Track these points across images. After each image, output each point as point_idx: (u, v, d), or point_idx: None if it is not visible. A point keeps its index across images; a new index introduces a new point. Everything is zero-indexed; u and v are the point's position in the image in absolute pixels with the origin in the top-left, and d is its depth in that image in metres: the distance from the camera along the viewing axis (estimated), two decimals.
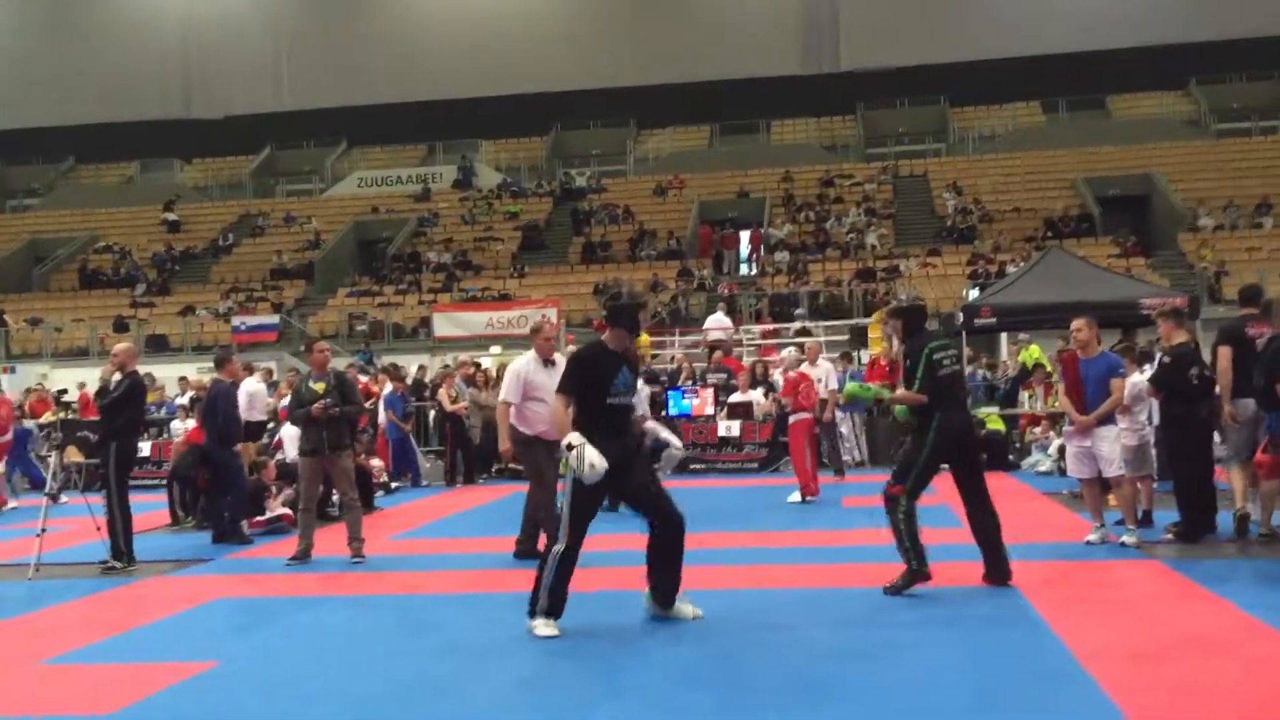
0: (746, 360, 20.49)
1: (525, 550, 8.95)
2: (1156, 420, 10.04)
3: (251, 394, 13.76)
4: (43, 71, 45.16)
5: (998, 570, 7.35)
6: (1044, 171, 35.72)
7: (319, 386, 9.66)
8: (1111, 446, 8.84)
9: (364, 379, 19.03)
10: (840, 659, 5.72)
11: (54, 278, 36.80)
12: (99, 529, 9.67)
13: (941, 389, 7.30)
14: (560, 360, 8.82)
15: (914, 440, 7.42)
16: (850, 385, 8.64)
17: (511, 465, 17.17)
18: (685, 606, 6.64)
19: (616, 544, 7.95)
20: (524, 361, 9.18)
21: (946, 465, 7.47)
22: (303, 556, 9.51)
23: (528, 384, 8.94)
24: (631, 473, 6.52)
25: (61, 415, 18.64)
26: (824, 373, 14.87)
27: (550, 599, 6.39)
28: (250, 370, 15.39)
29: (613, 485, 6.53)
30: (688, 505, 6.86)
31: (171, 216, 39.03)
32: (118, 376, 9.83)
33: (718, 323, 23.30)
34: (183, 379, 20.68)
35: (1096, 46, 39.61)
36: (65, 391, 18.46)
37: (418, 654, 6.22)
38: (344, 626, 7.08)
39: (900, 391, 7.54)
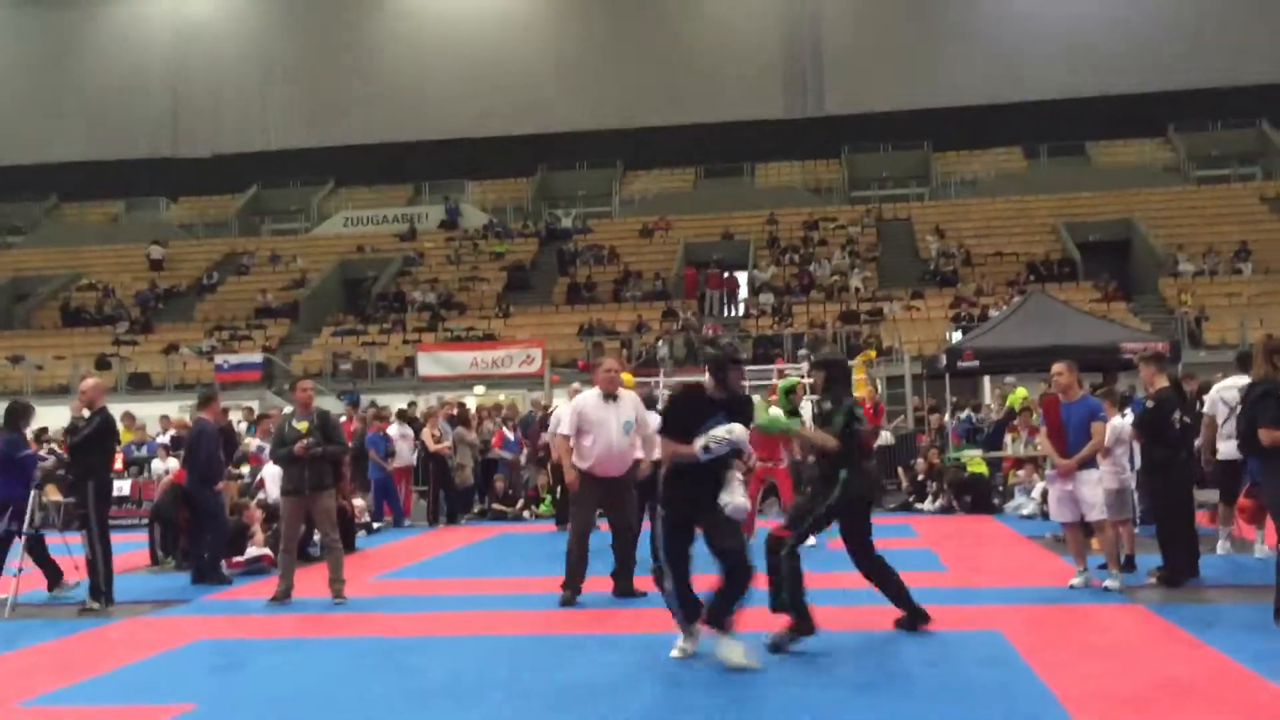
0: None
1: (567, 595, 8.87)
2: (1137, 464, 10.10)
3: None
4: (29, 108, 45.24)
5: (915, 613, 7.37)
6: (1026, 216, 36.06)
7: (302, 425, 9.62)
8: (1093, 490, 8.87)
9: (356, 421, 19.00)
10: (821, 700, 5.70)
11: (36, 315, 36.64)
12: (78, 569, 9.58)
13: (855, 447, 7.36)
14: (624, 396, 8.89)
15: (816, 491, 7.37)
16: (766, 415, 8.29)
17: (497, 506, 17.16)
18: (733, 651, 6.54)
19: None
20: (584, 396, 9.12)
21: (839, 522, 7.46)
22: (283, 597, 9.43)
23: (583, 418, 8.84)
24: (716, 514, 6.68)
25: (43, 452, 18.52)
26: (805, 415, 14.87)
27: (679, 618, 6.79)
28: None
29: (699, 523, 6.74)
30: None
31: (156, 255, 38.93)
32: (86, 413, 9.75)
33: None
34: (164, 418, 20.55)
35: (1077, 94, 40.15)
36: (45, 430, 18.34)
37: (397, 697, 6.16)
38: (324, 669, 7.01)
39: (813, 429, 7.57)
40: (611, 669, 6.63)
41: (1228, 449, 10.09)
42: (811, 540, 12.27)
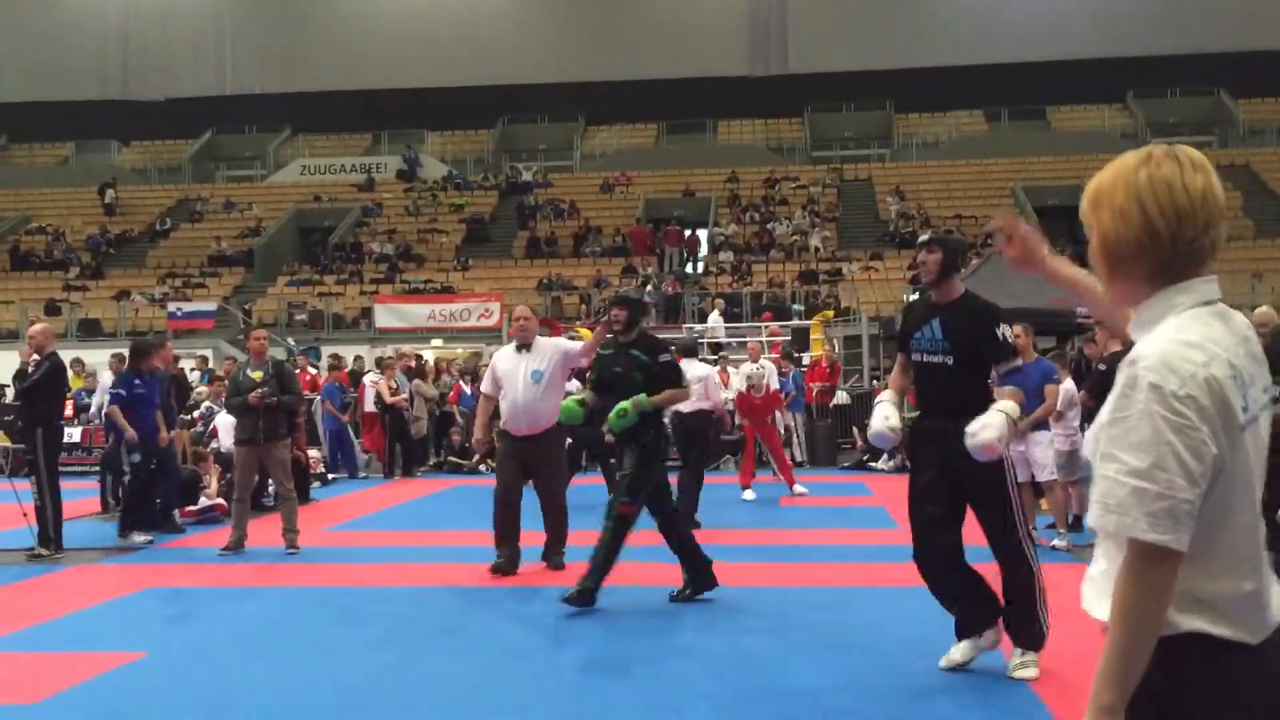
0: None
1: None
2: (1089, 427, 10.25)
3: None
4: None
5: (705, 577, 7.15)
6: (985, 180, 36.25)
7: (256, 375, 9.53)
8: (1045, 451, 9.00)
9: (313, 371, 18.87)
10: (770, 646, 5.77)
11: None
12: (25, 515, 9.47)
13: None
14: (541, 345, 8.31)
15: (649, 455, 7.03)
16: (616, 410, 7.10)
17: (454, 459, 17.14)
18: None
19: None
20: (500, 350, 8.80)
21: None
22: (236, 547, 9.38)
23: (495, 372, 8.39)
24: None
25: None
26: (768, 372, 14.97)
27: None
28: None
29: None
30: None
31: (109, 198, 38.20)
32: (36, 359, 9.60)
33: (715, 323, 23.19)
34: (114, 356, 20.25)
35: (1038, 58, 40.26)
36: None
37: (349, 647, 6.16)
38: (276, 618, 7.00)
39: (669, 393, 7.13)
40: (558, 619, 6.67)
41: None
42: (750, 494, 12.53)
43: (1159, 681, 1.78)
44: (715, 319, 23.59)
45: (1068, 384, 9.94)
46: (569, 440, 12.45)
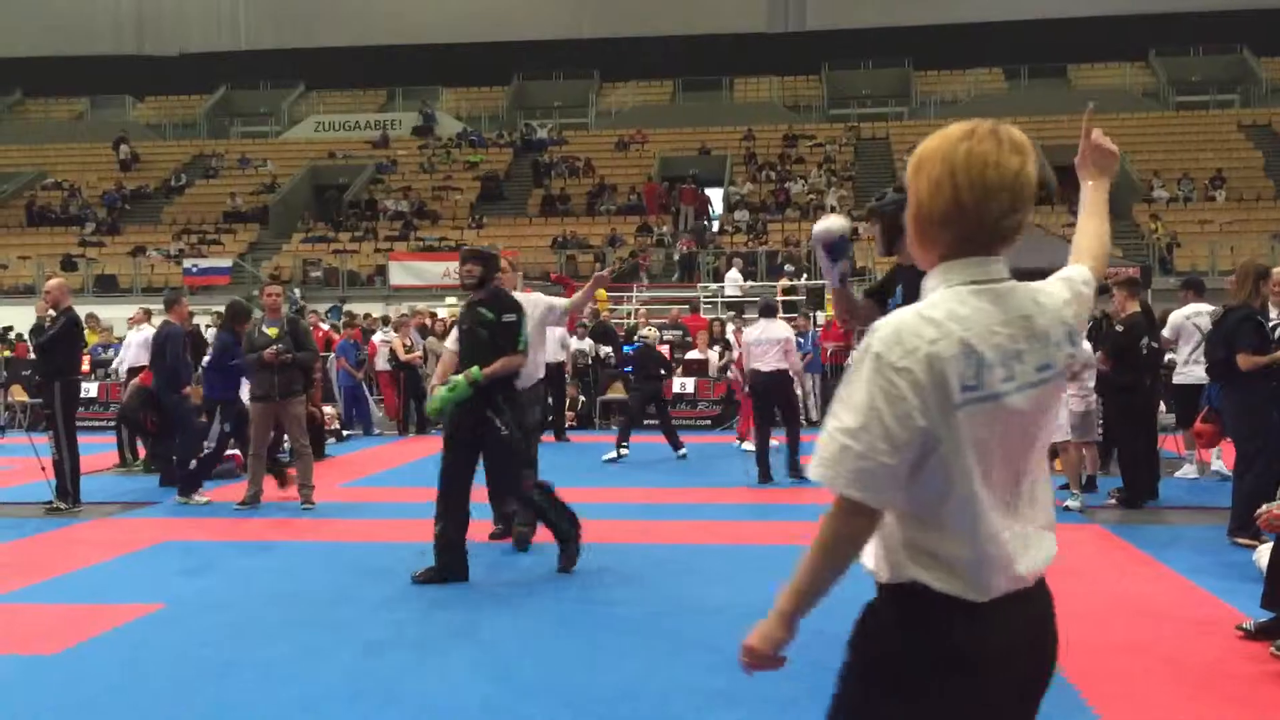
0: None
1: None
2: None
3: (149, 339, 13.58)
4: None
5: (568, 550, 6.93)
6: None
7: (272, 331, 9.54)
8: (1058, 412, 8.96)
9: (324, 327, 18.90)
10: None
11: (0, 214, 35.97)
12: (44, 469, 9.55)
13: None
14: (521, 300, 7.26)
15: (527, 428, 6.89)
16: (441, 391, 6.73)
17: None
18: None
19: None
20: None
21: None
22: (252, 501, 9.45)
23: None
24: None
25: (5, 354, 18.35)
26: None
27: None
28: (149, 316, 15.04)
29: None
30: (640, 457, 6.87)
31: (123, 153, 38.18)
32: (52, 314, 9.63)
33: (733, 281, 23.07)
34: (131, 320, 20.33)
35: (1059, 14, 39.73)
36: (10, 329, 18.12)
37: (364, 601, 6.21)
38: (292, 572, 7.05)
39: (500, 361, 6.64)
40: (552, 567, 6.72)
41: (1188, 374, 10.22)
42: (683, 450, 12.63)
43: (888, 617, 1.95)
44: (733, 277, 23.51)
45: (1084, 344, 9.89)
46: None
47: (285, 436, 12.57)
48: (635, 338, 15.97)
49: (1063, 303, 2.07)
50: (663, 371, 13.94)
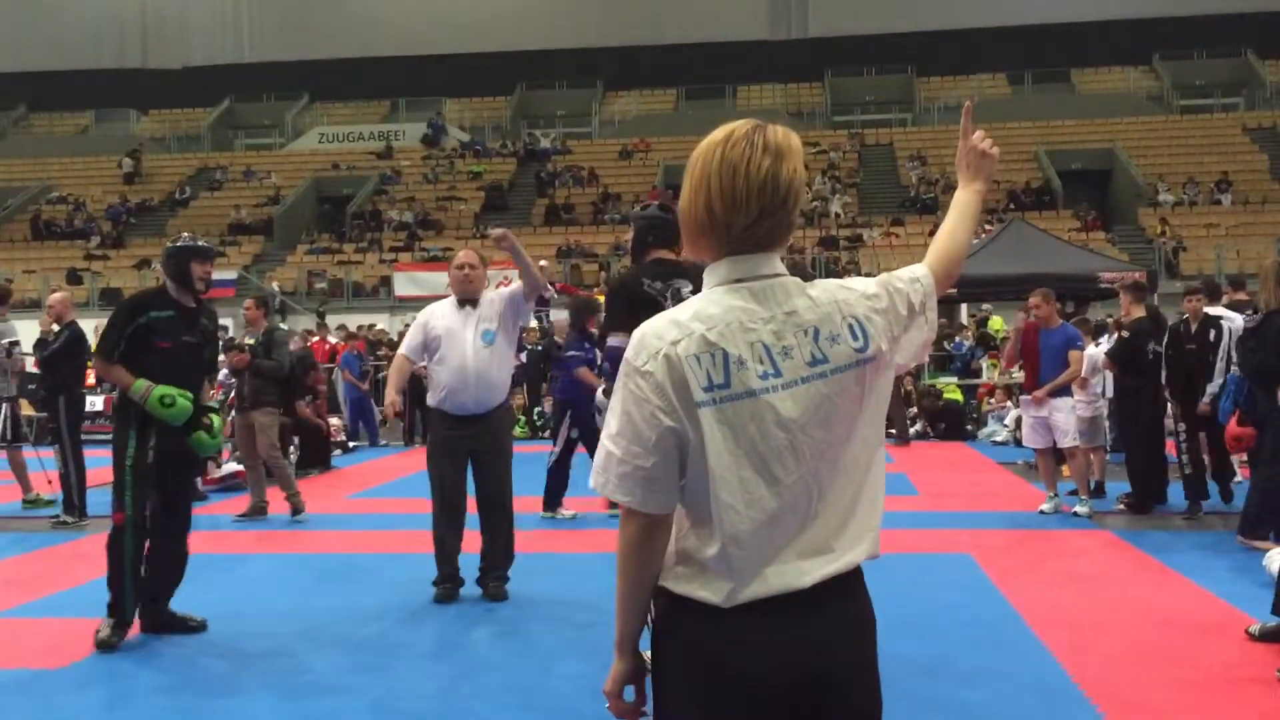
0: None
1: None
2: (1110, 393, 10.17)
3: None
4: None
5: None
6: (1007, 143, 35.78)
7: (250, 343, 9.64)
8: (1067, 417, 8.94)
9: (332, 340, 18.92)
10: None
11: (5, 228, 36.06)
12: (50, 482, 9.55)
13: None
14: (488, 299, 6.58)
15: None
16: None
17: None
18: None
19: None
20: (434, 305, 6.71)
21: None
22: (254, 513, 9.41)
23: (429, 332, 6.45)
24: None
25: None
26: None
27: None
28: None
29: None
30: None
31: (127, 167, 38.30)
32: (56, 328, 9.65)
33: None
34: None
35: (1063, 19, 39.76)
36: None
37: (374, 614, 6.19)
38: (298, 584, 7.04)
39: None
40: (563, 581, 6.69)
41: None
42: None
43: (655, 622, 1.94)
44: None
45: (1090, 350, 9.87)
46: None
47: (293, 448, 12.63)
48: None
49: (860, 296, 1.97)
50: None
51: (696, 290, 2.06)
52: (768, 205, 1.90)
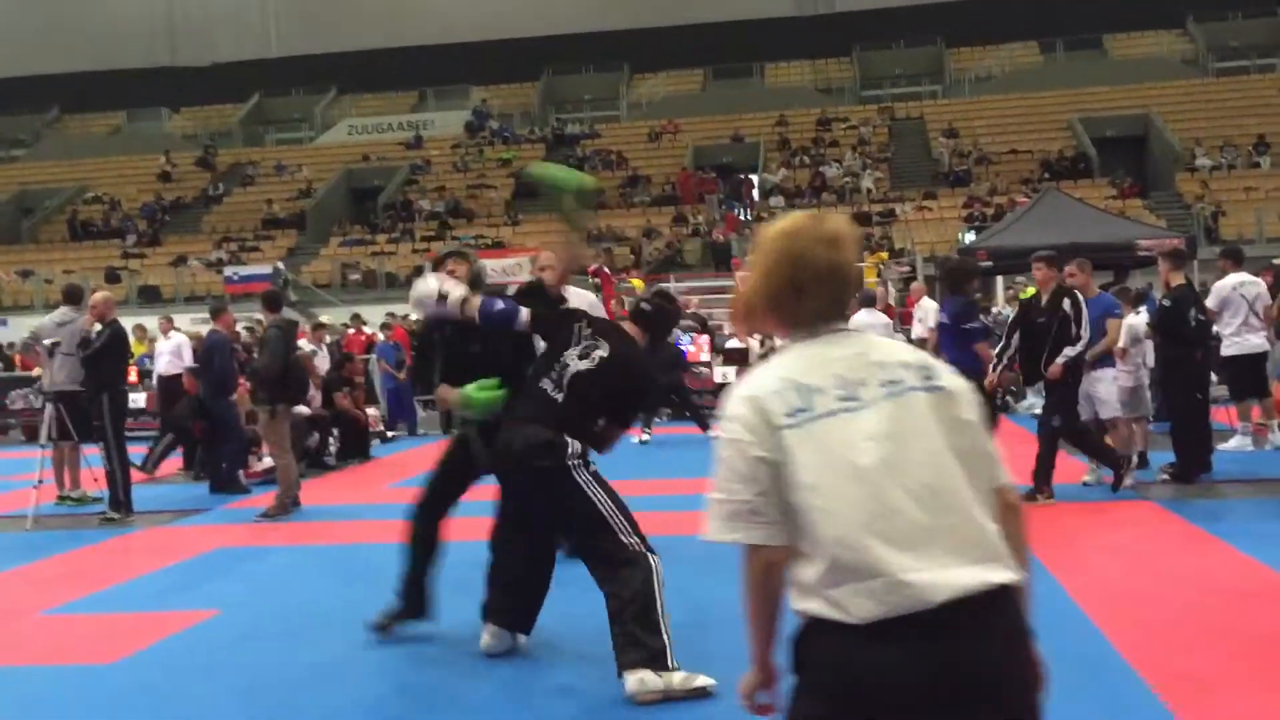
0: None
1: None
2: (1152, 362, 10.05)
3: (179, 345, 13.82)
4: (26, 19, 44.52)
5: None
6: (1040, 113, 35.44)
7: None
8: (1108, 388, 8.84)
9: (369, 331, 19.07)
10: None
11: (43, 229, 36.55)
12: (96, 480, 9.68)
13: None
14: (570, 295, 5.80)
15: None
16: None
17: None
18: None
19: None
20: None
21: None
22: (280, 508, 9.39)
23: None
24: None
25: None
26: None
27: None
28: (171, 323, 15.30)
29: None
30: (678, 451, 6.84)
31: (167, 167, 38.74)
32: (98, 327, 9.76)
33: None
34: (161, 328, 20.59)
35: None
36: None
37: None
38: (343, 574, 7.10)
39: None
40: None
41: (1242, 344, 10.05)
42: (645, 436, 12.79)
43: (791, 646, 2.04)
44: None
45: (1130, 319, 9.74)
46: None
47: (333, 439, 12.75)
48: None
49: (900, 349, 2.18)
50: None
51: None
52: (833, 290, 2.14)
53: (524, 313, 5.07)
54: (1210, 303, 10.13)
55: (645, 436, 13.10)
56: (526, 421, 4.73)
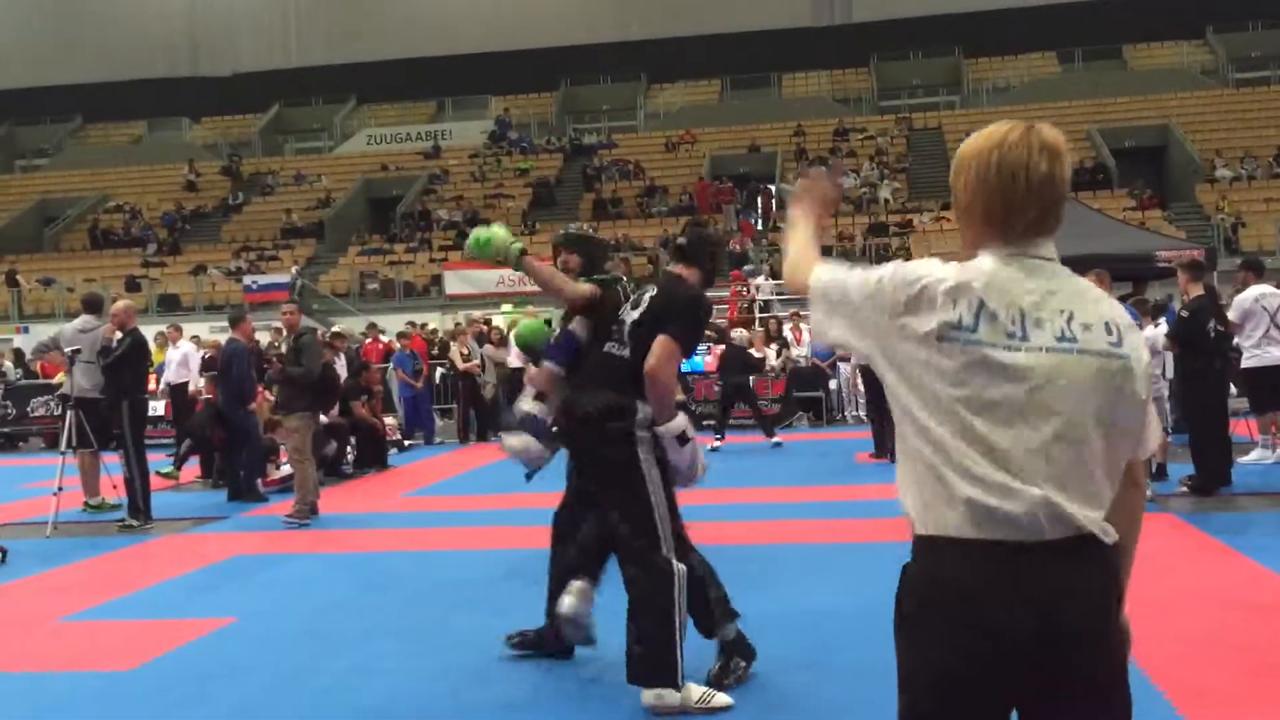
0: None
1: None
2: (1170, 373, 10.00)
3: (186, 355, 13.98)
4: (49, 30, 44.96)
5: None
6: (1059, 123, 34.22)
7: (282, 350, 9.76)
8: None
9: (385, 339, 19.13)
10: (833, 604, 5.74)
11: (65, 238, 36.83)
12: (115, 487, 9.74)
13: None
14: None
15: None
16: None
17: None
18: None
19: None
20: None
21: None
22: (299, 515, 9.42)
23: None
24: None
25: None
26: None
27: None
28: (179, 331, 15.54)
29: None
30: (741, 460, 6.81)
31: (191, 177, 39.03)
32: (119, 335, 9.84)
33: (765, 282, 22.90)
34: (194, 338, 20.70)
35: None
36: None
37: (435, 610, 6.25)
38: (360, 582, 7.12)
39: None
40: None
41: (1263, 357, 9.99)
42: (717, 443, 13.01)
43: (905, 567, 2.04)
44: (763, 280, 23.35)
45: (1149, 330, 9.70)
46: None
47: (350, 448, 12.80)
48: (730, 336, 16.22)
49: (1103, 302, 2.09)
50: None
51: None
52: (1047, 204, 2.06)
53: (577, 323, 4.95)
54: (1231, 315, 10.08)
55: (717, 443, 13.25)
56: (597, 386, 4.56)
